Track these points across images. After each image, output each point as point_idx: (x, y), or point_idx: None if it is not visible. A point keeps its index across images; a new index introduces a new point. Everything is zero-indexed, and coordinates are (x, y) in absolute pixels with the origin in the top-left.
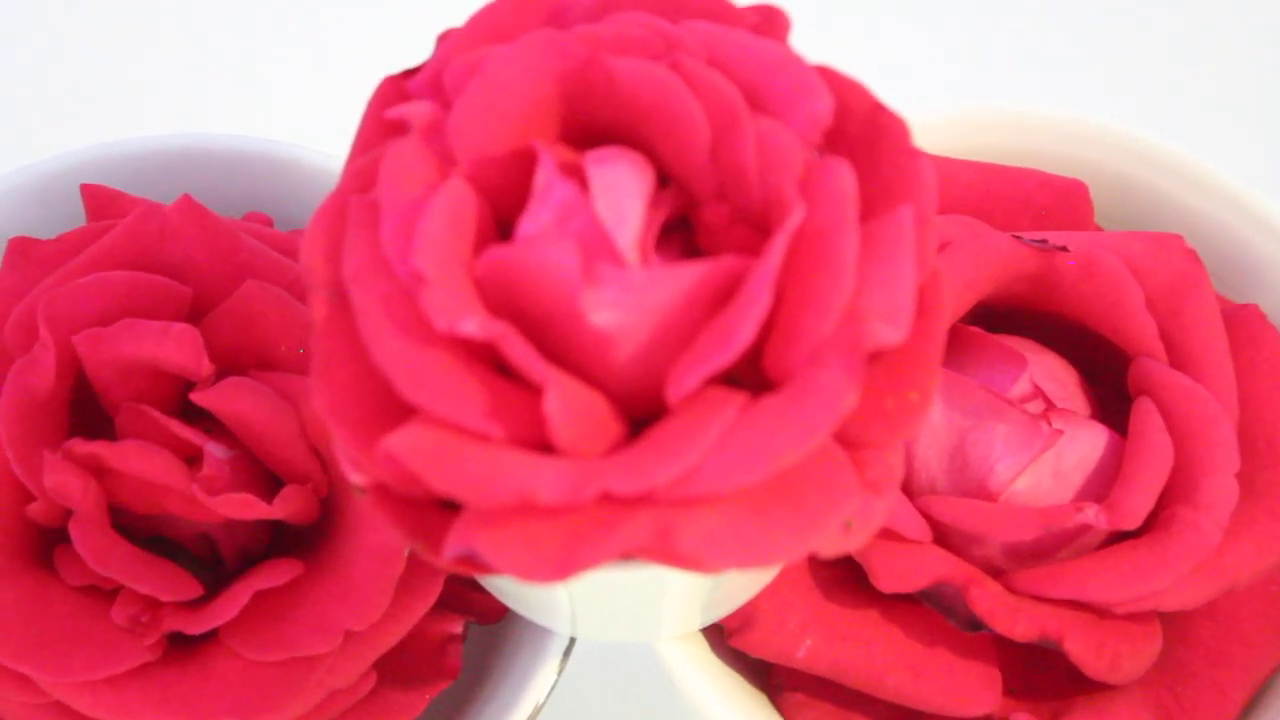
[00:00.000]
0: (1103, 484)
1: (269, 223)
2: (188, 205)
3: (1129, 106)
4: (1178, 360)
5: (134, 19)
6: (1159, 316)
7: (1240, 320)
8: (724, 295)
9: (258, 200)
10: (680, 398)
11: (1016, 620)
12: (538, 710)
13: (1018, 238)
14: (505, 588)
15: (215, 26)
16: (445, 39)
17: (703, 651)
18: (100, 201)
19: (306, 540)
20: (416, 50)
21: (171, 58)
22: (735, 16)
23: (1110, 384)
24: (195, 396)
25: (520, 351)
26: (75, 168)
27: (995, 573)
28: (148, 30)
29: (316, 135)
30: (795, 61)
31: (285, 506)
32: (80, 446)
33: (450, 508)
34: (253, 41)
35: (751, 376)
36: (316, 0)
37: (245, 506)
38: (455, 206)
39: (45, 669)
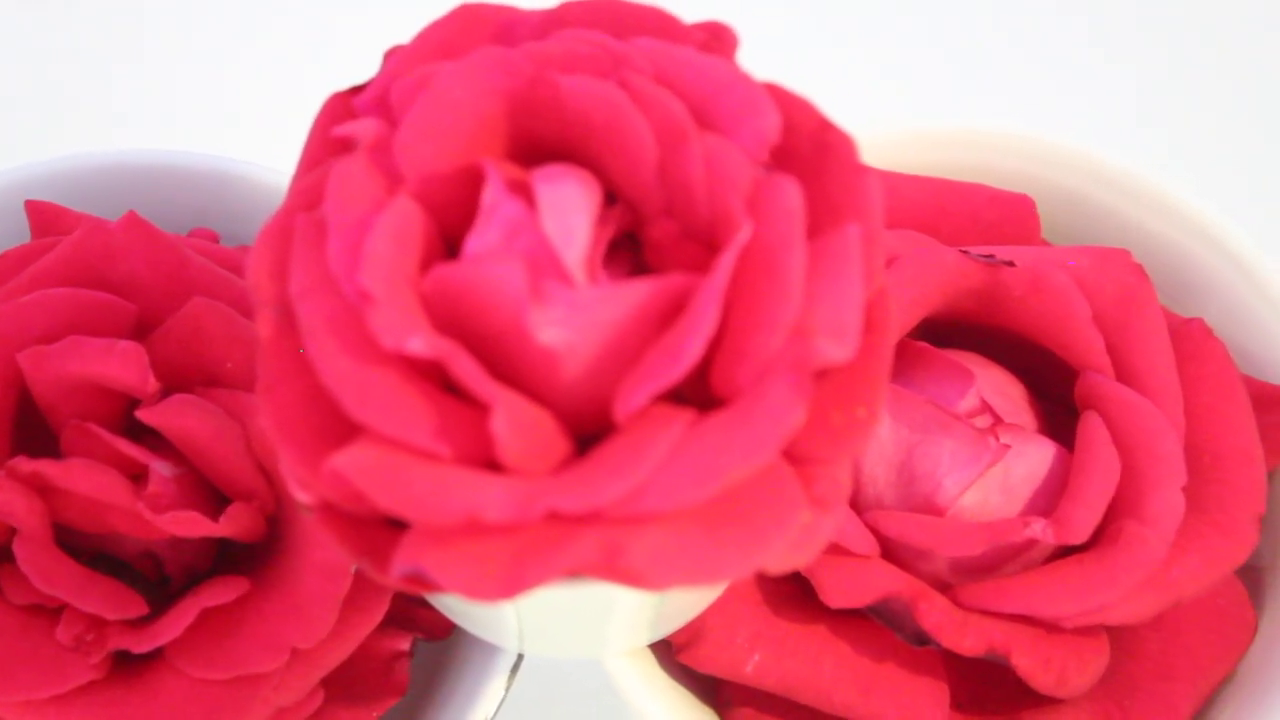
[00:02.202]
0: (1050, 498)
1: (215, 239)
2: (133, 221)
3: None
4: (1124, 374)
5: (81, 34)
6: (1105, 331)
7: (1186, 334)
8: (671, 312)
9: (203, 216)
10: (628, 415)
11: (964, 635)
12: None
13: (965, 252)
14: (453, 605)
15: (163, 44)
16: (392, 56)
17: (651, 667)
18: (45, 218)
19: (253, 558)
20: (363, 67)
21: (120, 73)
22: (683, 34)
23: (1057, 398)
24: (141, 414)
25: (467, 370)
26: (20, 184)
27: (943, 587)
28: (96, 46)
29: (263, 151)
30: (742, 79)
31: (231, 524)
32: (25, 465)
33: (397, 526)
34: (200, 58)
35: (699, 394)
36: (263, 17)
37: (191, 524)
38: (402, 224)
39: None
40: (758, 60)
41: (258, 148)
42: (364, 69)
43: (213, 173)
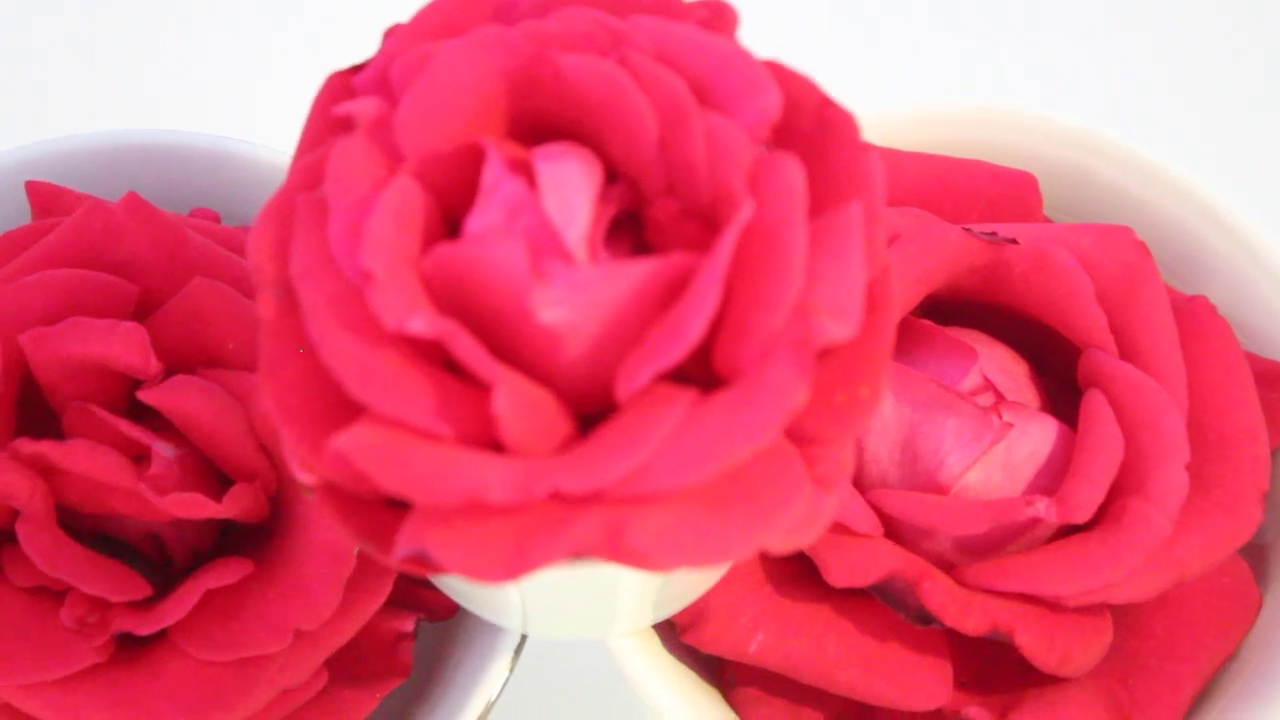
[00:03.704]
0: (1053, 477)
1: (216, 219)
2: (134, 202)
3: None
4: (1127, 352)
5: (80, 15)
6: (1108, 308)
7: (1189, 312)
8: (673, 291)
9: (205, 196)
10: (630, 395)
11: (968, 614)
12: (489, 707)
13: (968, 230)
14: (456, 586)
15: (163, 21)
16: (392, 34)
17: (655, 647)
18: (46, 199)
19: (256, 539)
20: (363, 46)
21: (118, 53)
22: (683, 11)
23: (1060, 376)
24: (143, 395)
25: (468, 349)
26: (20, 165)
27: (946, 566)
28: (94, 26)
29: (264, 130)
30: (743, 56)
31: (234, 505)
32: (27, 446)
33: (400, 506)
34: (200, 36)
35: (701, 373)
36: None
37: (194, 505)
38: (403, 204)
39: None
40: (759, 37)
41: (258, 127)
42: (364, 48)
43: (213, 152)
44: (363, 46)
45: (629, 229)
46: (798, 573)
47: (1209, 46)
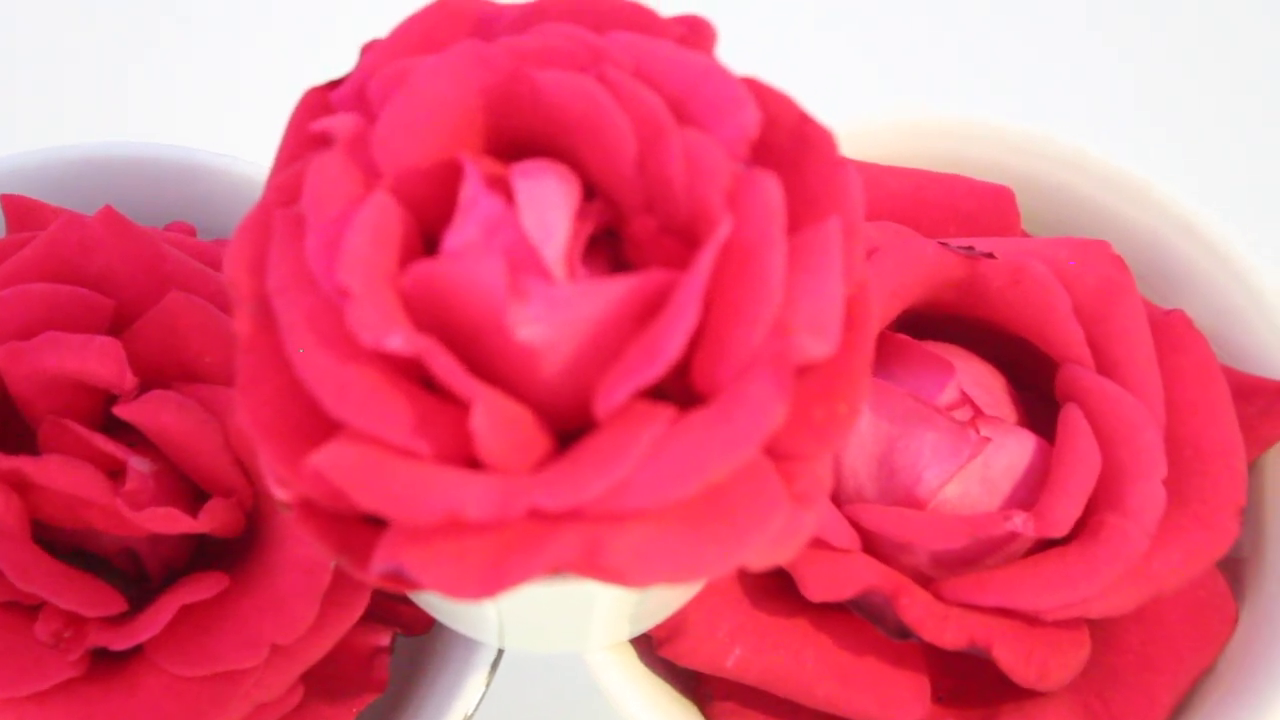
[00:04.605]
0: (1031, 491)
1: (192, 232)
2: (109, 216)
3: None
4: (1104, 366)
5: (55, 27)
6: (1086, 323)
7: (1167, 326)
8: (652, 309)
9: (181, 209)
10: (608, 412)
11: (945, 628)
12: None
13: (945, 244)
14: (433, 601)
15: (137, 33)
16: (370, 50)
17: (632, 661)
18: (20, 212)
19: (232, 553)
20: (341, 60)
21: (93, 66)
22: (661, 28)
23: (1038, 390)
24: (118, 410)
25: (446, 366)
26: None
27: (924, 581)
28: (68, 38)
29: (242, 144)
30: (721, 73)
31: (210, 520)
32: (2, 461)
33: (377, 523)
34: (176, 49)
35: (680, 390)
36: (241, 10)
37: (169, 521)
38: (380, 220)
39: None
40: (736, 52)
41: (235, 141)
42: (342, 62)
43: (190, 166)
44: (341, 61)
45: (607, 246)
46: (775, 587)
47: (1184, 62)
